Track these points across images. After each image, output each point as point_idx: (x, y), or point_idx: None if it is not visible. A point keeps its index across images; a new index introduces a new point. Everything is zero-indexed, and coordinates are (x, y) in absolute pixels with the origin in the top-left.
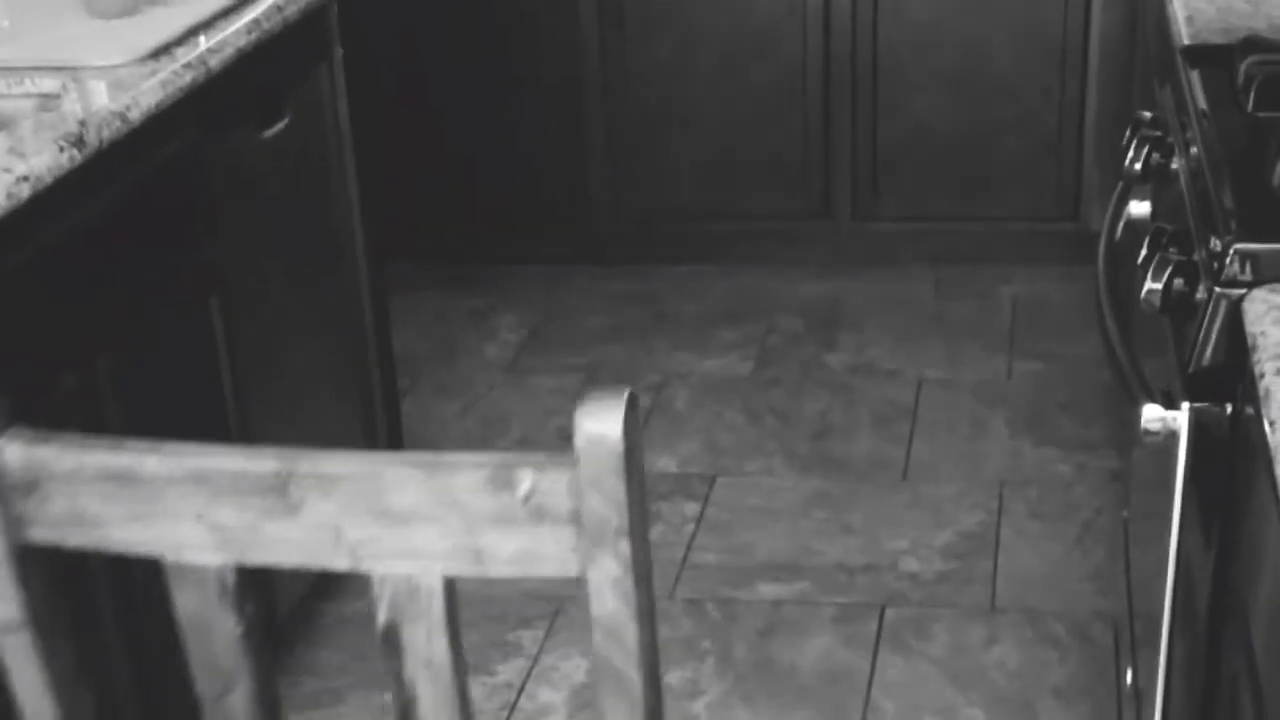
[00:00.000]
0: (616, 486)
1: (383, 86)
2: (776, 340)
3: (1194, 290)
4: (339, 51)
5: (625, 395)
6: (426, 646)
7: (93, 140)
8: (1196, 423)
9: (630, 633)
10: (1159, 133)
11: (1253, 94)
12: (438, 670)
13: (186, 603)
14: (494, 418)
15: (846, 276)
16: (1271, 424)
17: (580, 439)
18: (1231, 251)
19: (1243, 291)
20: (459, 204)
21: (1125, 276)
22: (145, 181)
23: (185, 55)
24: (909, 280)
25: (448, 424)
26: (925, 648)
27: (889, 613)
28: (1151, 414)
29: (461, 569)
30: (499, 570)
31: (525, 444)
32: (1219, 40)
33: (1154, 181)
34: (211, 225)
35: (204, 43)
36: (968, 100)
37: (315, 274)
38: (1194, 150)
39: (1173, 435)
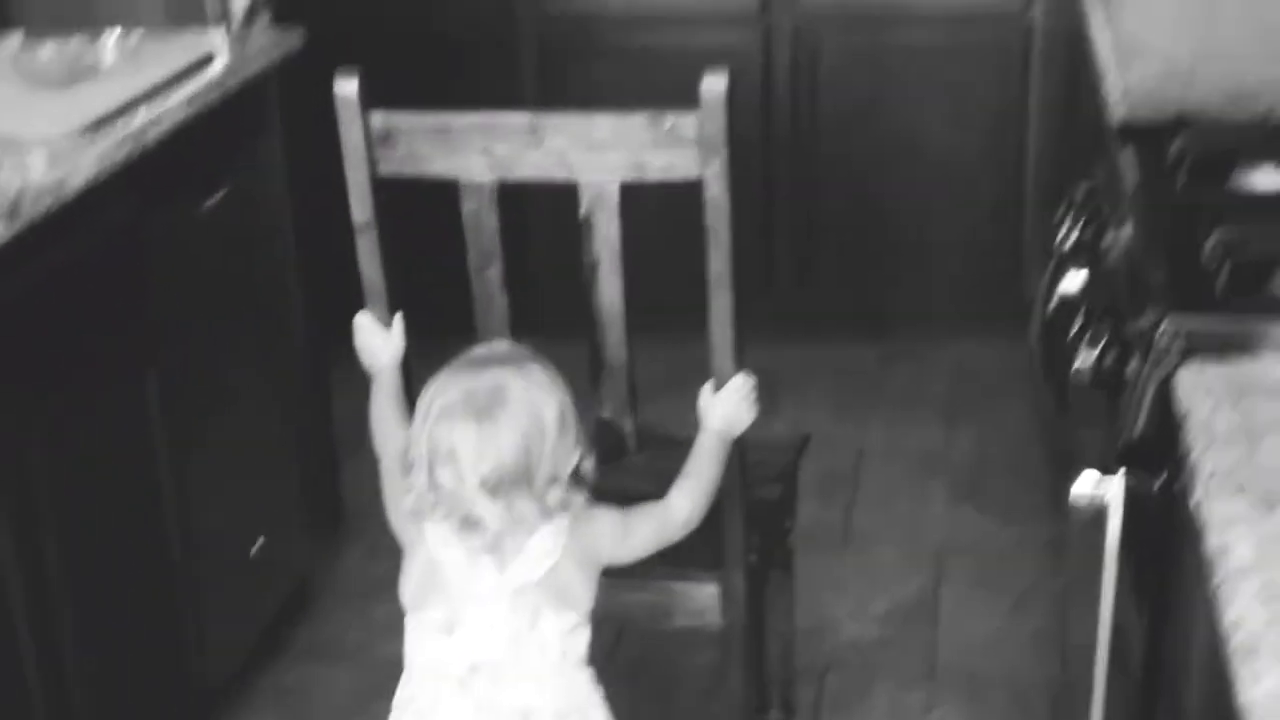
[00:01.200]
0: (720, 119)
1: (323, 151)
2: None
3: (1126, 364)
4: (278, 124)
5: (727, 71)
6: (606, 228)
7: (27, 212)
8: (1128, 494)
9: (723, 203)
10: (1093, 208)
11: (1184, 171)
12: (611, 245)
13: (469, 207)
14: None
15: (788, 345)
16: (1201, 496)
17: (704, 91)
18: (1163, 327)
19: (1173, 367)
20: (400, 272)
21: (1061, 347)
22: (81, 252)
23: (123, 128)
24: (850, 348)
25: None
26: (865, 713)
27: (829, 678)
28: (1084, 485)
29: (630, 177)
30: (652, 176)
31: None
32: (1152, 118)
33: (1088, 256)
34: (148, 295)
35: (143, 115)
36: (907, 172)
37: (254, 342)
38: (1126, 226)
39: (1105, 506)
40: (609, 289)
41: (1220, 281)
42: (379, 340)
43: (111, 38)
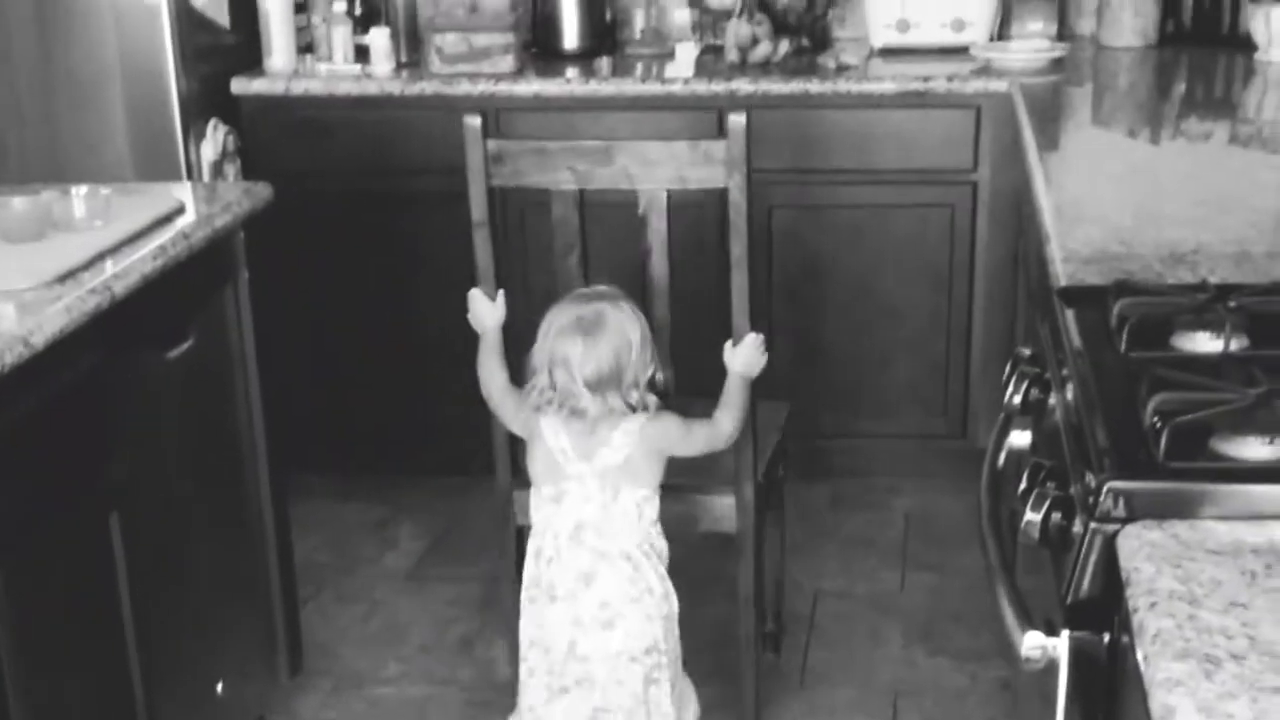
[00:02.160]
0: (740, 145)
1: (288, 300)
2: (676, 551)
3: (1071, 524)
4: (245, 275)
5: (745, 114)
6: (657, 224)
7: None
8: (1075, 651)
9: (741, 204)
10: (1037, 369)
11: (1125, 335)
12: (660, 236)
13: (558, 209)
14: (395, 625)
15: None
16: (1145, 657)
17: (729, 125)
18: (1105, 489)
19: (1117, 527)
20: (362, 415)
21: (1009, 499)
22: (47, 403)
23: (91, 280)
24: (805, 493)
25: (348, 631)
26: None
27: None
28: (1032, 642)
29: (675, 186)
30: (691, 186)
31: (426, 651)
32: (1094, 280)
33: (1033, 415)
34: (113, 443)
35: (110, 268)
36: (860, 323)
37: (217, 487)
38: (1069, 388)
39: (1053, 662)
40: (658, 269)
41: (1160, 445)
42: (487, 308)
43: (82, 192)
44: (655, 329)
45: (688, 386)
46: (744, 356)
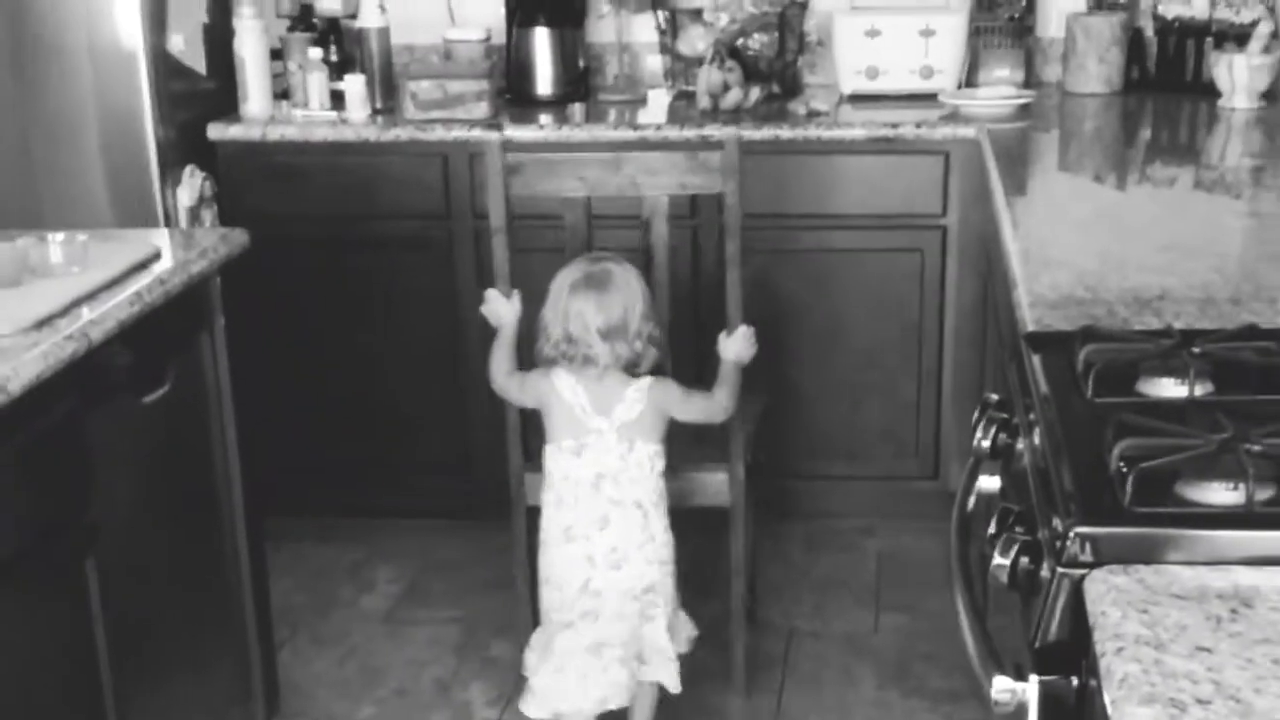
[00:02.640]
0: (734, 155)
1: (264, 344)
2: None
3: (1039, 568)
4: (221, 320)
5: (736, 128)
6: (657, 226)
7: None
8: (1044, 694)
9: (736, 208)
10: (1005, 414)
11: (1091, 380)
12: (661, 237)
13: (570, 215)
14: (371, 668)
15: (713, 533)
16: (1112, 701)
17: (725, 138)
18: (1072, 534)
19: (1084, 572)
20: (338, 458)
21: (979, 543)
22: (24, 449)
23: (67, 327)
24: (778, 534)
25: (325, 674)
26: None
27: None
28: (1001, 685)
29: (675, 192)
30: (690, 191)
31: (402, 695)
32: (1060, 326)
33: (1002, 459)
34: (89, 489)
35: (86, 314)
36: (832, 366)
37: (193, 531)
38: (1037, 433)
39: (1022, 706)
40: (660, 268)
41: (1126, 490)
42: (504, 306)
43: (59, 238)
44: (659, 324)
45: (684, 376)
46: (736, 346)
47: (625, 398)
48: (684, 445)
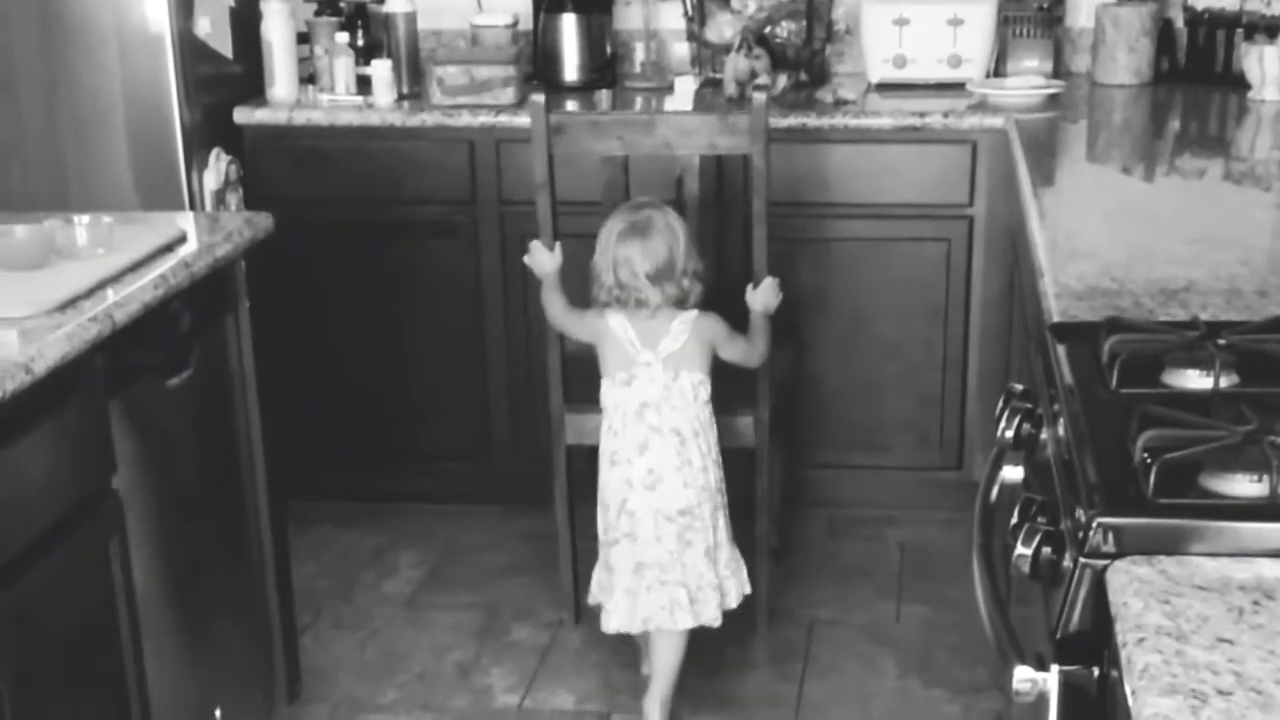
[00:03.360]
0: (762, 118)
1: (288, 328)
2: None
3: (1061, 558)
4: (245, 304)
5: (765, 92)
6: (691, 184)
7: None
8: (1065, 685)
9: (763, 168)
10: (1029, 404)
11: (1116, 371)
12: (693, 194)
13: (608, 172)
14: (393, 653)
15: (738, 520)
16: (1133, 692)
17: (753, 101)
18: (1095, 525)
19: (1106, 563)
20: (361, 442)
21: (1002, 533)
22: (48, 430)
23: (92, 309)
24: (802, 523)
25: (346, 659)
26: None
27: None
28: (1022, 675)
29: (705, 151)
30: (720, 151)
31: (423, 679)
32: (1086, 317)
33: (1025, 450)
34: (112, 470)
35: (111, 296)
36: (857, 356)
37: (216, 514)
38: (1061, 423)
39: (1043, 696)
40: (690, 222)
41: (1150, 481)
42: (546, 256)
43: (84, 220)
44: (700, 260)
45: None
46: (763, 297)
47: (671, 330)
48: (714, 391)
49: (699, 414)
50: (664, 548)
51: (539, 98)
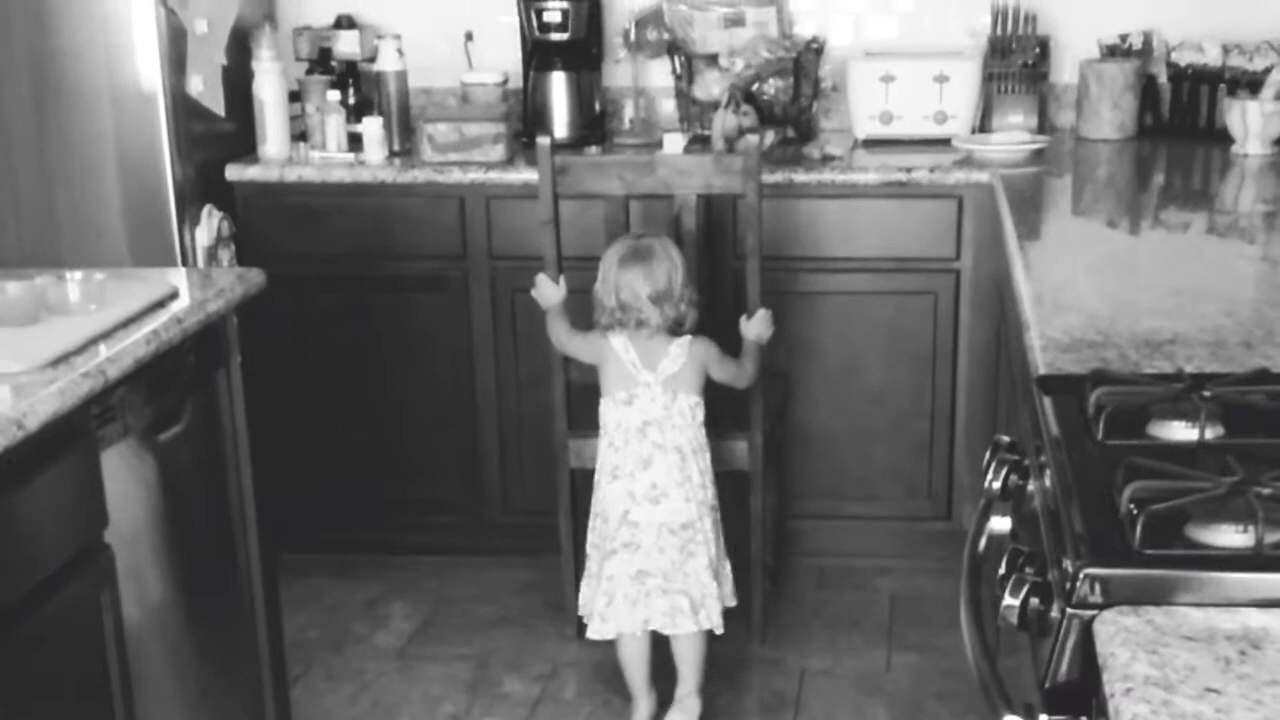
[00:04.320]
0: (754, 159)
1: (281, 383)
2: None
3: (1049, 609)
4: (237, 359)
5: (757, 143)
6: (688, 221)
7: None
8: None
9: (755, 205)
10: (1016, 456)
11: (1102, 423)
12: (690, 231)
13: (609, 210)
14: (383, 705)
15: (733, 568)
16: None
17: (742, 144)
18: (1082, 575)
19: (1093, 613)
20: (352, 495)
21: (991, 583)
22: (40, 485)
23: (84, 364)
24: (792, 572)
25: (338, 710)
26: None
27: None
28: None
29: (702, 191)
30: (715, 190)
31: None
32: (1072, 369)
33: (1013, 501)
34: (104, 524)
35: (104, 352)
36: (846, 407)
37: (208, 566)
38: (1048, 475)
39: None
40: (689, 256)
41: (1136, 532)
42: (551, 289)
43: (77, 277)
44: (696, 289)
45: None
46: (757, 326)
47: (669, 353)
48: (709, 415)
49: (696, 434)
50: (666, 558)
51: (545, 140)
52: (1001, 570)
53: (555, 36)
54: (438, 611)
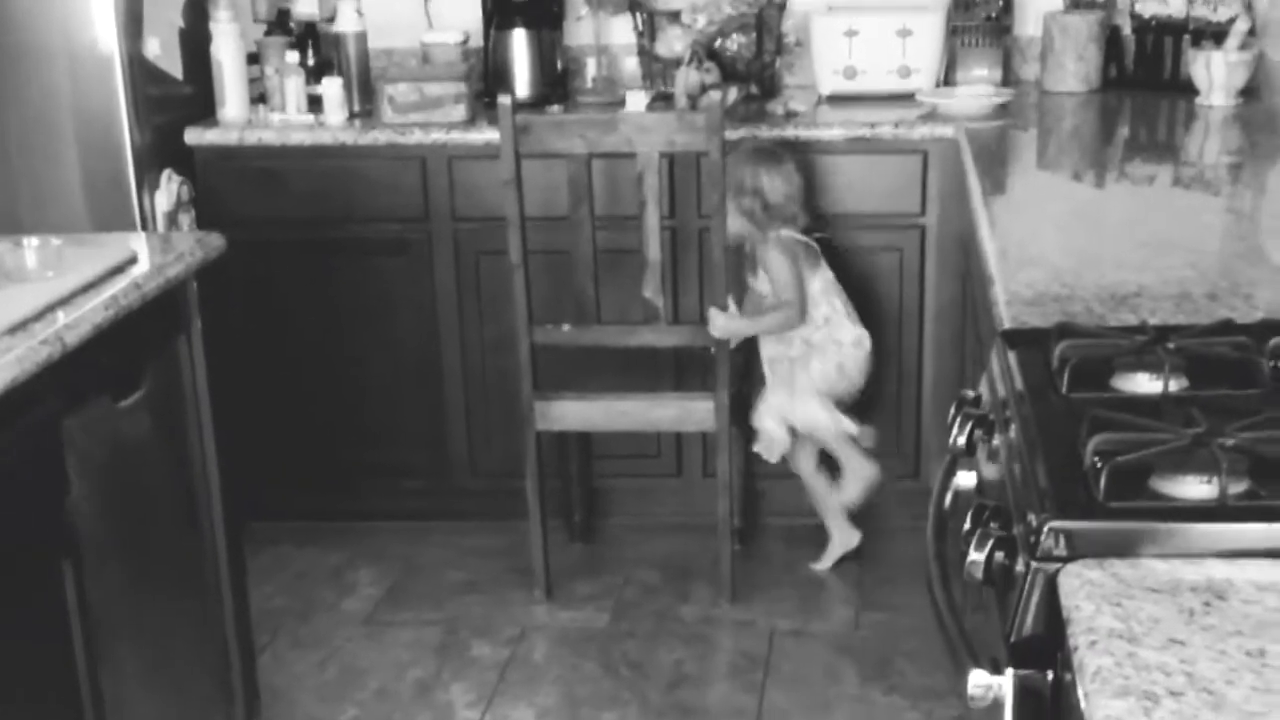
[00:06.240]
0: (717, 116)
1: (242, 348)
2: (632, 592)
3: (1014, 563)
4: (198, 324)
5: (720, 93)
6: (650, 179)
7: None
8: (1020, 688)
9: (719, 162)
10: (981, 411)
11: (1066, 376)
12: (653, 189)
13: (572, 169)
14: (352, 671)
15: (700, 531)
16: (1086, 694)
17: (705, 102)
18: (1046, 529)
19: (1058, 566)
20: (318, 461)
21: (957, 539)
22: (0, 450)
23: (42, 331)
24: (761, 534)
25: (306, 677)
26: None
27: None
28: (977, 680)
29: (665, 149)
30: (679, 149)
31: (383, 696)
32: (1037, 323)
33: (978, 456)
34: (64, 492)
35: (62, 319)
36: None
37: (171, 534)
38: (1012, 429)
39: (998, 700)
40: (651, 217)
41: (1100, 485)
42: (725, 319)
43: (34, 243)
44: (649, 268)
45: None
46: (721, 328)
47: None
48: (675, 376)
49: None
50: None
51: (506, 99)
52: (967, 526)
53: None
54: (405, 577)
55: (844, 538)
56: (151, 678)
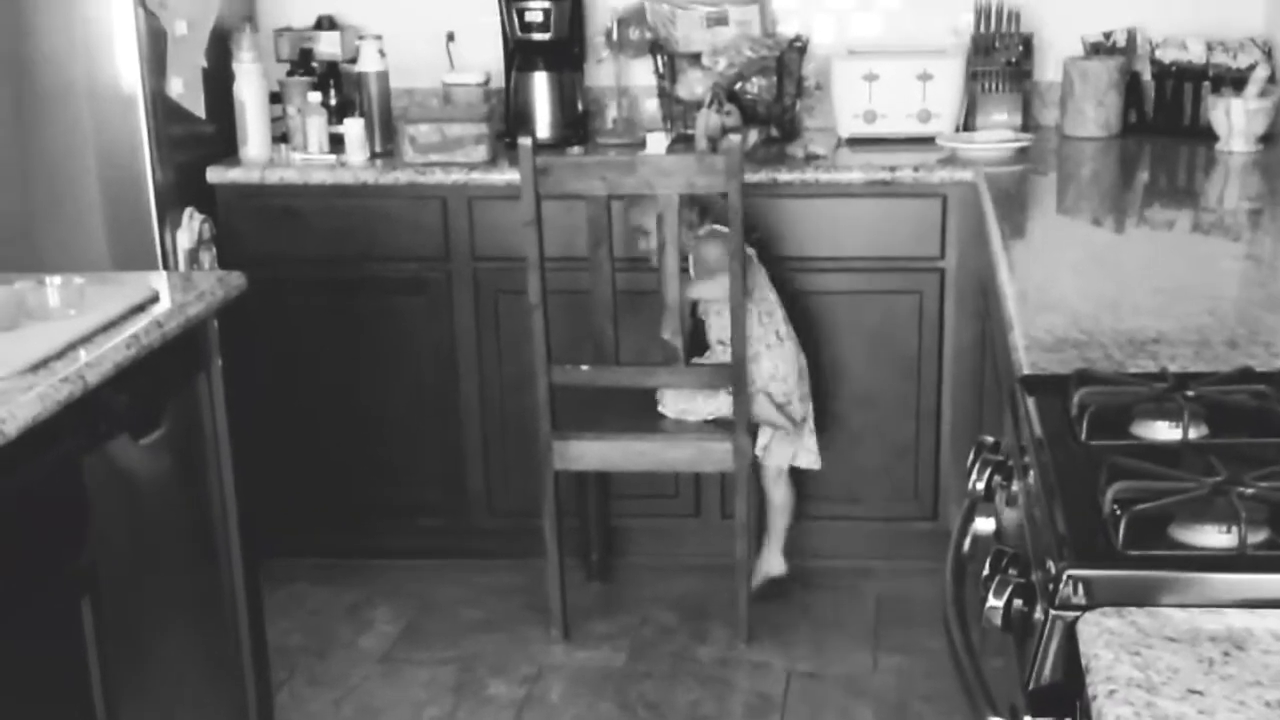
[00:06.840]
0: (736, 158)
1: (263, 384)
2: (649, 632)
3: (1033, 610)
4: (218, 362)
5: (740, 143)
6: (670, 221)
7: None
8: None
9: (738, 205)
10: (1000, 456)
11: (1085, 423)
12: (673, 230)
13: (591, 210)
14: (368, 709)
15: (717, 571)
16: None
17: (725, 146)
18: (1065, 577)
19: (1077, 614)
20: (336, 499)
21: (975, 584)
22: (20, 490)
23: (64, 369)
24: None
25: (322, 715)
26: None
27: None
28: None
29: (685, 190)
30: (698, 190)
31: None
32: (1055, 368)
33: (997, 501)
34: (85, 529)
35: (83, 357)
36: (831, 407)
37: (189, 572)
38: (1031, 475)
39: None
40: (670, 259)
41: (1119, 533)
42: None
43: (56, 281)
44: (668, 309)
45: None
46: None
47: None
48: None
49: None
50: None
51: (527, 140)
52: (985, 571)
53: (537, 36)
54: (422, 615)
55: (769, 564)
56: (169, 714)
